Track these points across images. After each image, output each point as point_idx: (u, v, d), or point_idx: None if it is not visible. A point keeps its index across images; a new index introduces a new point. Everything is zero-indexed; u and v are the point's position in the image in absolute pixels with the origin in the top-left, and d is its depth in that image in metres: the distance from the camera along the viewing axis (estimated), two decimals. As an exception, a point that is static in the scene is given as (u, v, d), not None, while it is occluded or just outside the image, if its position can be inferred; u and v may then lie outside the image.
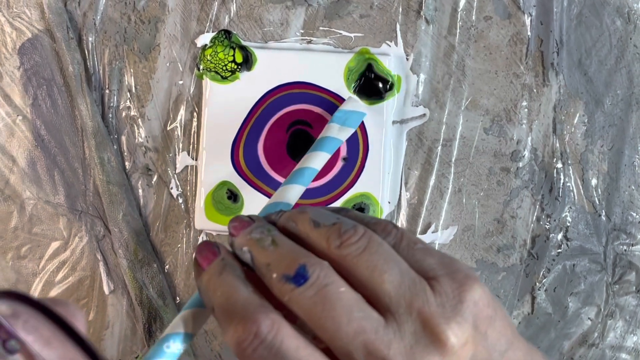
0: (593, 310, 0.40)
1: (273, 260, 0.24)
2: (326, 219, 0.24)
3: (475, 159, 0.40)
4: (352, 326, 0.22)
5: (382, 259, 0.23)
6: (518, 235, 0.40)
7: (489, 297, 0.24)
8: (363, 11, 0.40)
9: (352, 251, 0.23)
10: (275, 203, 0.30)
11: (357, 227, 0.24)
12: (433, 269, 0.24)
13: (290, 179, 0.32)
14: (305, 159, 0.33)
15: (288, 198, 0.31)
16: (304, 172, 0.33)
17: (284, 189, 0.31)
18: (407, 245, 0.25)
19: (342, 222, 0.24)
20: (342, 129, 0.35)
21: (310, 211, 0.25)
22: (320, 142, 0.35)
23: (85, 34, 0.40)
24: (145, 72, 0.40)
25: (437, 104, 0.40)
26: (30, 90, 0.40)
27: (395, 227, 0.25)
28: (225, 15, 0.40)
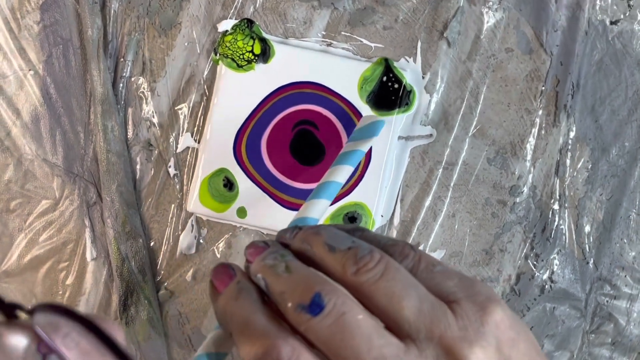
0: (565, 356, 0.40)
1: (287, 288, 0.23)
2: (341, 242, 0.24)
3: (474, 187, 0.40)
4: (372, 354, 0.21)
5: (400, 284, 0.23)
6: (504, 269, 0.40)
7: (512, 318, 0.23)
8: (387, 23, 0.40)
9: (369, 278, 0.23)
10: (301, 219, 0.29)
11: (374, 252, 0.23)
12: (453, 292, 0.23)
13: (316, 193, 0.31)
14: (330, 173, 0.33)
15: (314, 213, 0.30)
16: (330, 185, 0.32)
17: (310, 204, 0.30)
18: (426, 268, 0.24)
19: (358, 246, 0.23)
20: (366, 141, 0.35)
21: (324, 233, 0.24)
22: (347, 157, 0.34)
23: (110, 0, 0.40)
24: (162, 48, 0.40)
25: (445, 126, 0.40)
26: (46, 47, 0.40)
27: (413, 249, 0.25)
28: (251, 5, 0.40)
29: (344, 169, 0.33)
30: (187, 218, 0.40)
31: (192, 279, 0.40)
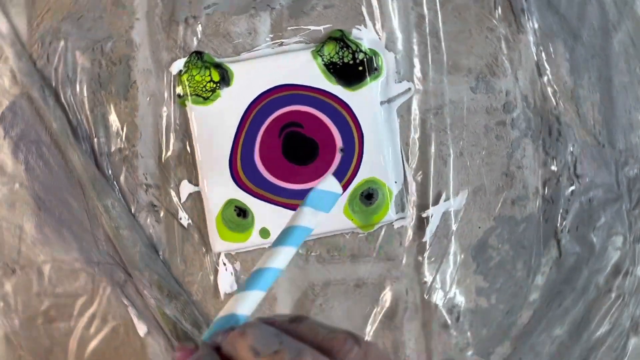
0: (619, 240, 0.40)
1: None
2: (267, 345, 0.21)
3: (469, 120, 0.40)
4: None
5: None
6: (529, 184, 0.40)
7: None
8: (327, 2, 0.40)
9: None
10: (226, 317, 0.25)
11: (302, 356, 0.20)
12: None
13: (248, 283, 0.26)
14: (268, 256, 0.27)
15: (240, 309, 0.26)
16: (266, 273, 0.27)
17: (238, 297, 0.26)
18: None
19: (284, 348, 0.21)
20: (314, 213, 0.30)
21: (251, 333, 0.22)
22: (290, 234, 0.28)
23: (62, 89, 0.40)
24: (127, 112, 0.40)
25: (419, 73, 0.40)
26: (20, 156, 0.40)
27: (357, 343, 0.22)
28: (193, 38, 0.40)
29: (286, 250, 0.27)
30: (217, 259, 0.40)
31: (244, 313, 0.40)
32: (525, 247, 0.40)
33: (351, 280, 0.40)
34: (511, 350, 0.40)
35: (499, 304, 0.40)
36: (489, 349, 0.40)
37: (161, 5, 0.40)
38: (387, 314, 0.40)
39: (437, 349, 0.40)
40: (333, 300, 0.40)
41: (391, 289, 0.40)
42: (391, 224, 0.40)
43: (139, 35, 0.40)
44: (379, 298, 0.40)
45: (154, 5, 0.40)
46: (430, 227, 0.40)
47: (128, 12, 0.40)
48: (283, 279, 0.40)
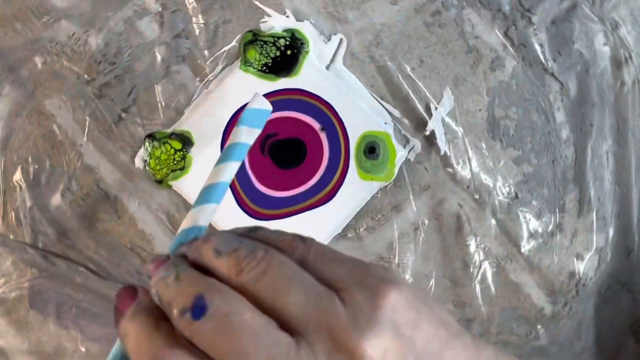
0: (601, 36, 0.40)
1: (174, 296, 0.22)
2: (227, 245, 0.23)
3: (408, 29, 0.40)
4: (260, 355, 0.20)
5: (284, 279, 0.22)
6: (494, 45, 0.40)
7: (410, 298, 0.22)
8: (223, 19, 0.40)
9: (252, 277, 0.22)
10: (187, 229, 0.27)
11: (257, 250, 0.22)
12: (342, 279, 0.22)
13: (201, 198, 0.28)
14: (216, 173, 0.29)
15: (200, 221, 0.27)
16: (217, 187, 0.29)
17: (195, 210, 0.28)
18: (315, 258, 0.23)
19: (242, 246, 0.23)
20: (250, 131, 0.32)
21: (214, 239, 0.23)
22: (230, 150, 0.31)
23: (60, 243, 0.40)
24: (129, 223, 0.40)
25: (340, 22, 0.40)
26: (68, 324, 0.40)
27: (303, 241, 0.23)
28: (136, 127, 0.40)
29: (232, 166, 0.30)
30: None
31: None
32: (528, 98, 0.40)
33: (408, 228, 0.40)
34: (578, 190, 0.40)
35: (541, 160, 0.40)
36: (560, 202, 0.40)
37: (91, 119, 0.40)
38: (457, 233, 0.40)
39: (517, 232, 0.40)
40: (405, 254, 0.40)
41: (445, 212, 0.40)
42: (407, 159, 0.40)
43: (91, 157, 0.40)
44: (440, 226, 0.40)
45: (85, 123, 0.40)
46: (439, 139, 0.40)
47: (69, 145, 0.40)
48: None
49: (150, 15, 0.40)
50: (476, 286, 0.40)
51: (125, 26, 0.40)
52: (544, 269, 0.40)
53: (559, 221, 0.40)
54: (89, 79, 0.40)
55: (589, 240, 0.40)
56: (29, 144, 0.40)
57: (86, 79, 0.40)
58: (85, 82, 0.40)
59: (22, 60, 0.40)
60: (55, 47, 0.40)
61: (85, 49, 0.40)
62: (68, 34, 0.40)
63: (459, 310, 0.40)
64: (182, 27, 0.40)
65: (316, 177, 0.40)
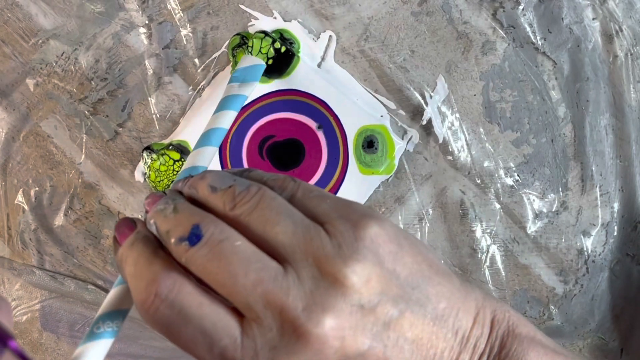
0: (589, 11, 0.40)
1: (172, 226, 0.23)
2: (222, 182, 0.24)
3: (396, 21, 0.40)
4: (249, 278, 0.22)
5: (274, 212, 0.23)
6: (483, 28, 0.40)
7: (391, 233, 0.23)
8: (211, 25, 0.40)
9: (245, 210, 0.23)
10: (189, 169, 0.29)
11: (251, 186, 0.24)
12: (327, 213, 0.24)
13: (201, 141, 0.31)
14: (214, 119, 0.32)
15: (201, 161, 0.30)
16: (215, 132, 0.31)
17: (196, 152, 0.30)
18: (302, 195, 0.25)
19: (236, 183, 0.24)
20: (242, 85, 0.34)
21: (209, 176, 0.25)
22: (225, 101, 0.34)
23: (68, 263, 0.40)
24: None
25: (327, 19, 0.40)
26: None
27: (293, 181, 0.25)
28: (134, 140, 0.40)
29: (229, 114, 0.32)
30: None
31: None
32: (522, 79, 0.40)
33: (412, 219, 0.40)
34: (579, 167, 0.40)
35: (540, 140, 0.40)
36: (562, 180, 0.40)
37: (87, 137, 0.40)
38: (462, 220, 0.40)
39: (523, 214, 0.40)
40: (411, 246, 0.40)
41: (449, 199, 0.40)
42: (406, 150, 0.40)
43: (90, 175, 0.40)
44: (445, 214, 0.40)
45: (82, 141, 0.40)
46: (437, 127, 0.40)
47: (68, 164, 0.40)
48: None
49: (137, 28, 0.39)
50: (485, 271, 0.40)
51: (114, 41, 0.40)
52: (552, 249, 0.40)
53: (563, 199, 0.40)
54: (82, 97, 0.40)
55: (594, 216, 0.40)
56: (28, 167, 0.40)
57: (79, 97, 0.40)
58: (78, 101, 0.40)
59: (14, 83, 0.40)
60: (46, 68, 0.40)
61: (75, 68, 0.40)
62: (57, 54, 0.40)
63: (471, 296, 0.40)
64: (170, 38, 0.40)
65: (317, 176, 0.39)
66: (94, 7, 0.39)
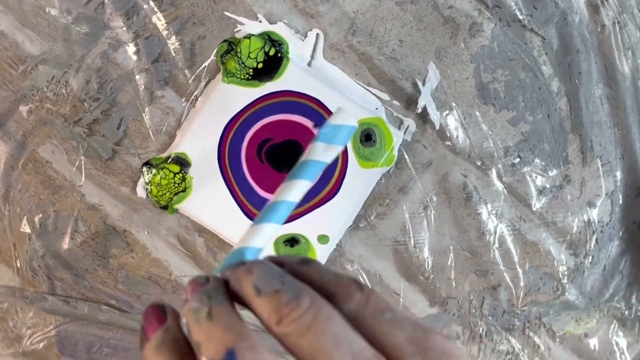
0: None
1: (204, 340, 0.20)
2: (270, 283, 0.21)
3: (382, 12, 0.40)
4: None
5: (330, 340, 0.19)
6: (467, 11, 0.40)
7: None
8: (199, 34, 0.40)
9: (294, 330, 0.20)
10: (240, 250, 0.25)
11: (302, 296, 0.20)
12: (400, 346, 0.20)
13: (263, 216, 0.26)
14: (282, 190, 0.26)
15: (256, 241, 0.25)
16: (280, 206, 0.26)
17: (253, 230, 0.25)
18: (372, 315, 0.21)
19: (285, 289, 0.20)
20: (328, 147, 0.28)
21: (256, 271, 0.21)
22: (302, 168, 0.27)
23: (79, 286, 0.40)
24: (143, 257, 0.40)
25: (313, 18, 0.40)
26: (100, 364, 0.40)
27: (360, 289, 0.21)
28: (132, 157, 0.40)
29: (300, 184, 0.26)
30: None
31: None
32: (513, 57, 0.40)
33: (417, 207, 0.40)
34: (578, 139, 0.40)
35: (536, 117, 0.40)
36: (563, 154, 0.40)
37: (85, 158, 0.40)
38: (466, 204, 0.40)
39: (526, 192, 0.40)
40: (419, 234, 0.40)
41: (451, 185, 0.40)
42: (404, 140, 0.40)
43: (92, 196, 0.40)
44: (449, 199, 0.40)
45: (81, 164, 0.40)
46: (432, 114, 0.40)
47: (69, 187, 0.40)
48: (370, 255, 0.40)
49: (125, 45, 0.39)
50: (495, 252, 0.40)
51: (103, 60, 0.40)
52: (559, 223, 0.40)
53: (565, 173, 0.40)
54: (76, 119, 0.40)
55: (598, 186, 0.40)
56: (30, 194, 0.40)
57: (74, 119, 0.40)
58: (73, 123, 0.40)
59: (7, 112, 0.40)
60: (38, 94, 0.40)
61: (67, 91, 0.40)
62: (47, 79, 0.40)
63: (482, 279, 0.40)
64: (158, 52, 0.40)
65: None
66: (79, 28, 0.39)
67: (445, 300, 0.40)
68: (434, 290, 0.40)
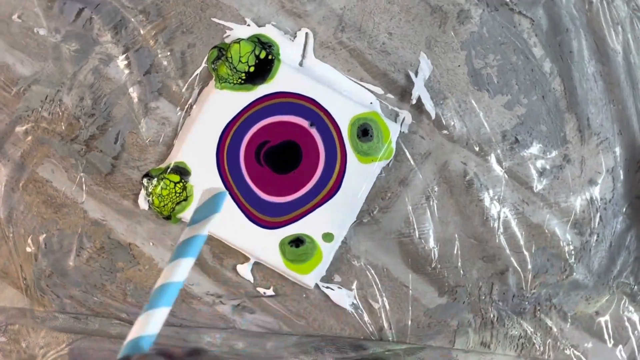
0: None
1: None
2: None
3: (368, 6, 0.40)
4: None
5: None
6: (455, 0, 0.40)
7: None
8: (188, 42, 0.40)
9: None
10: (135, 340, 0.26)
11: None
12: None
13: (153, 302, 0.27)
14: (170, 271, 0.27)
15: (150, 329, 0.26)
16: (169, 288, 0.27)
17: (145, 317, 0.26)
18: None
19: None
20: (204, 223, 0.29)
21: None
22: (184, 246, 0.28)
23: (89, 301, 0.40)
24: (149, 268, 0.40)
25: (301, 17, 0.40)
26: None
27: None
28: (132, 170, 0.40)
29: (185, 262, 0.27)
30: (319, 289, 0.40)
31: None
32: (503, 42, 0.40)
33: (419, 198, 0.40)
34: (575, 118, 0.40)
35: (531, 99, 0.40)
36: (560, 134, 0.40)
37: (85, 175, 0.40)
38: (468, 191, 0.40)
39: (527, 174, 0.40)
40: (423, 225, 0.40)
41: (452, 173, 0.40)
42: (401, 132, 0.40)
43: (95, 211, 0.40)
44: (451, 188, 0.40)
45: (81, 180, 0.40)
46: (427, 104, 0.40)
47: (71, 205, 0.40)
48: (376, 250, 0.40)
49: (115, 59, 0.40)
50: (500, 237, 0.40)
51: (95, 76, 0.40)
52: (562, 203, 0.40)
53: (564, 153, 0.40)
54: (73, 137, 0.40)
55: (598, 163, 0.40)
56: (33, 214, 0.40)
57: (70, 137, 0.40)
58: (70, 141, 0.40)
59: (4, 135, 0.40)
60: (33, 114, 0.40)
61: (62, 109, 0.40)
62: (41, 99, 0.40)
63: (490, 264, 0.40)
64: (149, 63, 0.40)
65: (317, 174, 0.39)
66: (68, 46, 0.39)
67: (454, 289, 0.40)
68: (443, 279, 0.40)
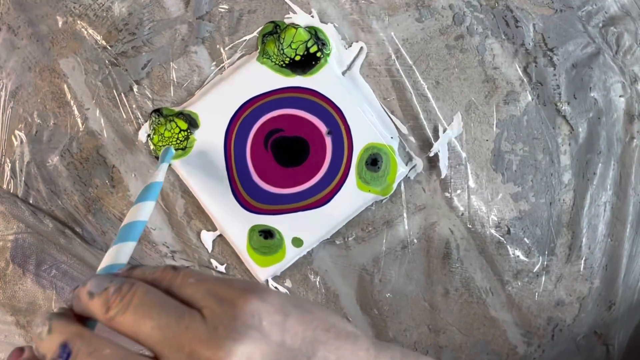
0: (618, 87, 0.40)
1: (46, 348, 0.23)
2: (99, 286, 0.24)
3: (429, 49, 0.40)
4: None
5: (147, 307, 0.23)
6: (511, 78, 0.40)
7: (276, 303, 0.23)
8: (249, 8, 0.40)
9: (118, 311, 0.23)
10: (106, 267, 0.28)
11: (124, 285, 0.24)
12: (204, 297, 0.23)
13: (122, 236, 0.30)
14: (136, 212, 0.31)
15: (120, 259, 0.29)
16: (135, 225, 0.31)
17: (115, 249, 0.29)
18: (181, 283, 0.24)
19: (111, 285, 0.24)
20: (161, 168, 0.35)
21: (89, 282, 0.25)
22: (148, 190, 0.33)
23: (52, 205, 0.40)
24: (121, 196, 0.40)
25: (363, 31, 0.40)
26: (45, 283, 0.40)
27: (173, 270, 0.25)
28: (145, 100, 0.40)
29: (148, 204, 0.32)
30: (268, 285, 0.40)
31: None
32: (537, 136, 0.40)
33: (396, 245, 0.40)
34: (571, 235, 0.40)
35: (539, 200, 0.40)
36: (550, 244, 0.40)
37: (102, 85, 0.40)
38: (444, 259, 0.40)
39: (504, 268, 0.40)
40: (389, 270, 0.40)
41: (436, 235, 0.40)
42: (407, 177, 0.40)
43: (95, 122, 0.40)
44: (429, 248, 0.40)
45: (95, 88, 0.40)
46: (442, 162, 0.40)
47: (76, 107, 0.40)
48: (336, 274, 0.40)
49: (177, -8, 0.40)
50: (454, 314, 0.40)
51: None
52: (524, 309, 0.40)
53: (546, 263, 0.40)
54: (106, 45, 0.40)
55: (572, 287, 0.40)
56: (37, 100, 0.40)
57: (104, 44, 0.40)
58: (102, 48, 0.40)
59: (44, 16, 0.40)
60: (79, 9, 0.40)
61: (108, 15, 0.40)
62: (93, -2, 0.40)
63: (433, 335, 0.40)
64: (207, 10, 0.40)
65: (314, 180, 0.39)
66: (140, -39, 0.39)
67: (391, 341, 0.40)
68: (383, 328, 0.40)
